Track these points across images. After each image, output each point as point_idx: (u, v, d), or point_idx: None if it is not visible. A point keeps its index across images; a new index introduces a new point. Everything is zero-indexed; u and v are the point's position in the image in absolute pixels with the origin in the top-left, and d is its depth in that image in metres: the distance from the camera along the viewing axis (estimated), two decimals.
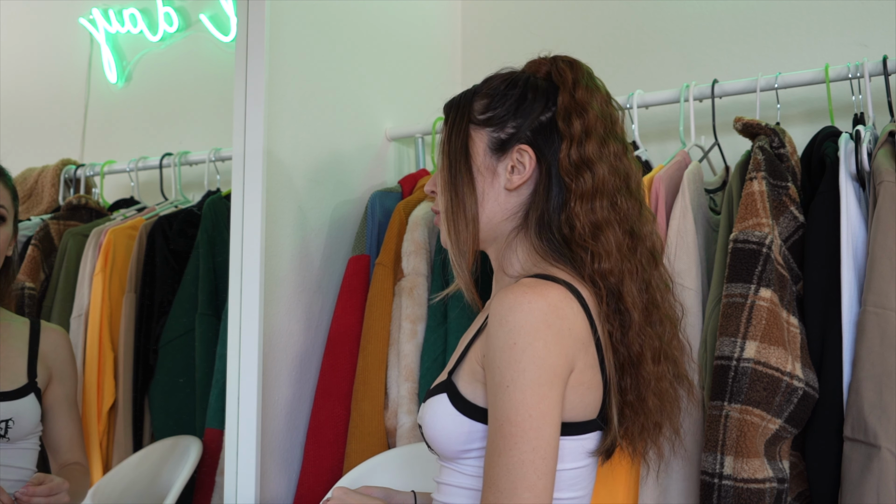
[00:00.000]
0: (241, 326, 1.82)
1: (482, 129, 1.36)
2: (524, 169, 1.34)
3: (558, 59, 1.41)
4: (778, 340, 1.57)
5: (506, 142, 1.35)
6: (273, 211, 1.89)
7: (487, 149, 1.36)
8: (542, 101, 1.36)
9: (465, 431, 1.26)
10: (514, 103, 1.36)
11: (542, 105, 1.36)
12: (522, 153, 1.34)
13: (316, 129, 2.05)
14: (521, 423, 1.17)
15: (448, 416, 1.27)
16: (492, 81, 1.41)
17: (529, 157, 1.33)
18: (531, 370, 1.18)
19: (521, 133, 1.35)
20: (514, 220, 1.36)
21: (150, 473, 2.03)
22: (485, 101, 1.38)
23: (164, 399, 2.17)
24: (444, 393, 1.29)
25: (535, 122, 1.35)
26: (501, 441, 1.17)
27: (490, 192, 1.35)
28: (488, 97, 1.38)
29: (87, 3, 2.76)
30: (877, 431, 1.50)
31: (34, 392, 1.83)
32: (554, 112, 1.35)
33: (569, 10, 2.42)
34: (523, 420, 1.17)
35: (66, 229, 2.43)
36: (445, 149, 1.39)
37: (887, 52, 1.84)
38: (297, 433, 1.95)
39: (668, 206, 1.78)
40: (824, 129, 1.78)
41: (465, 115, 1.39)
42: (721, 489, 1.54)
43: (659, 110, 2.08)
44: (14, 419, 1.77)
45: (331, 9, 2.12)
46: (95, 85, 2.78)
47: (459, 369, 1.29)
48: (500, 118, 1.36)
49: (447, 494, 1.31)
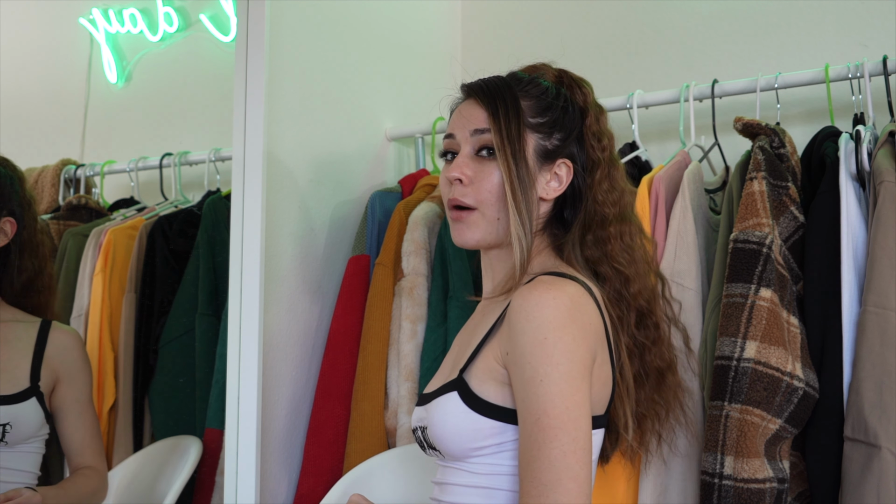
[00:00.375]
0: (241, 326, 1.82)
1: (532, 133, 1.35)
2: (562, 183, 1.36)
3: (570, 75, 1.43)
4: (778, 340, 1.57)
5: (552, 152, 1.36)
6: (273, 211, 1.88)
7: (535, 153, 1.35)
8: (578, 118, 1.39)
9: (476, 429, 1.26)
10: (560, 114, 1.37)
11: (577, 121, 1.39)
12: (564, 167, 1.36)
13: (316, 129, 2.05)
14: (560, 416, 1.18)
15: (460, 415, 1.27)
16: (533, 85, 1.38)
17: (568, 172, 1.36)
18: (564, 363, 1.20)
19: (565, 146, 1.37)
20: (537, 226, 1.38)
21: (150, 473, 2.03)
22: (532, 103, 1.36)
23: (164, 399, 2.17)
24: (454, 391, 1.29)
25: (575, 137, 1.38)
26: (540, 435, 1.17)
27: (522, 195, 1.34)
28: (535, 100, 1.37)
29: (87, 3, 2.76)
30: (877, 431, 1.50)
31: (36, 396, 1.82)
32: (580, 130, 1.38)
33: (569, 10, 2.42)
34: (561, 413, 1.18)
35: (66, 229, 2.43)
36: (503, 138, 1.33)
37: (887, 52, 1.84)
38: (297, 433, 1.95)
39: (668, 206, 1.78)
40: (824, 129, 1.78)
41: (517, 111, 1.35)
42: (721, 489, 1.54)
43: (659, 110, 2.08)
44: (12, 423, 1.77)
45: (331, 9, 2.12)
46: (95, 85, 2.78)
47: (472, 367, 1.29)
48: (548, 126, 1.36)
49: (454, 494, 1.30)
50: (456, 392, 1.28)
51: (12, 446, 1.80)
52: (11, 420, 1.76)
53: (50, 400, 1.88)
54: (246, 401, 1.80)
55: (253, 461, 1.79)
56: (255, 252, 1.82)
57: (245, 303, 1.82)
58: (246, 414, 1.80)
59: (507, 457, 1.26)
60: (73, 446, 1.90)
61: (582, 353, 1.22)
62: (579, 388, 1.21)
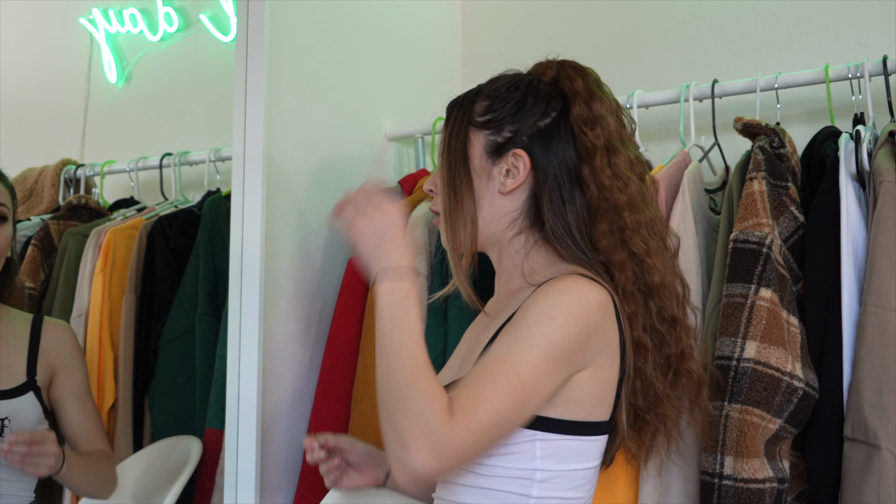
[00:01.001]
0: (241, 326, 1.82)
1: (480, 131, 1.37)
2: (518, 173, 1.34)
3: (566, 64, 1.41)
4: (778, 340, 1.57)
5: (502, 145, 1.35)
6: (273, 211, 1.88)
7: (484, 151, 1.36)
8: (542, 107, 1.37)
9: None
10: (513, 107, 1.36)
11: (541, 110, 1.36)
12: (517, 157, 1.35)
13: (316, 129, 2.05)
14: (526, 386, 1.18)
15: None
16: (495, 83, 1.41)
17: (524, 163, 1.34)
18: (557, 347, 1.20)
19: (518, 138, 1.35)
20: (514, 225, 1.36)
21: (150, 473, 2.03)
22: (486, 102, 1.38)
23: (164, 399, 2.17)
24: None
25: (533, 127, 1.35)
26: (503, 384, 1.17)
27: (485, 195, 1.36)
28: (489, 99, 1.38)
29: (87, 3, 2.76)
30: (877, 431, 1.50)
31: (33, 390, 1.82)
32: (555, 119, 1.35)
33: (569, 10, 2.42)
34: (528, 383, 1.18)
35: (66, 229, 2.43)
36: (445, 149, 1.39)
37: (887, 52, 1.84)
38: (297, 433, 1.95)
39: (668, 206, 1.78)
40: (824, 129, 1.78)
41: (465, 115, 1.39)
42: (721, 489, 1.54)
43: (659, 110, 2.08)
44: (10, 418, 1.77)
45: (331, 9, 2.12)
46: (95, 85, 2.78)
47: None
48: (498, 121, 1.36)
49: (459, 494, 1.30)
50: None
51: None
52: (10, 415, 1.76)
53: (48, 394, 1.87)
54: (246, 401, 1.80)
55: (253, 461, 1.79)
56: (255, 252, 1.82)
57: (245, 303, 1.82)
58: (246, 414, 1.80)
59: (511, 459, 1.25)
60: (80, 434, 1.88)
61: (575, 349, 1.22)
62: (552, 377, 1.21)
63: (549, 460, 1.26)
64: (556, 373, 1.21)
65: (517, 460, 1.25)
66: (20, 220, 2.55)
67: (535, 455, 1.25)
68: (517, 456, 1.25)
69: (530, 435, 1.25)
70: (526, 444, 1.25)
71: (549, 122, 1.35)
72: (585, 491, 1.31)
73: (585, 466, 1.30)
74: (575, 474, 1.28)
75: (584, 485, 1.30)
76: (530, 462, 1.25)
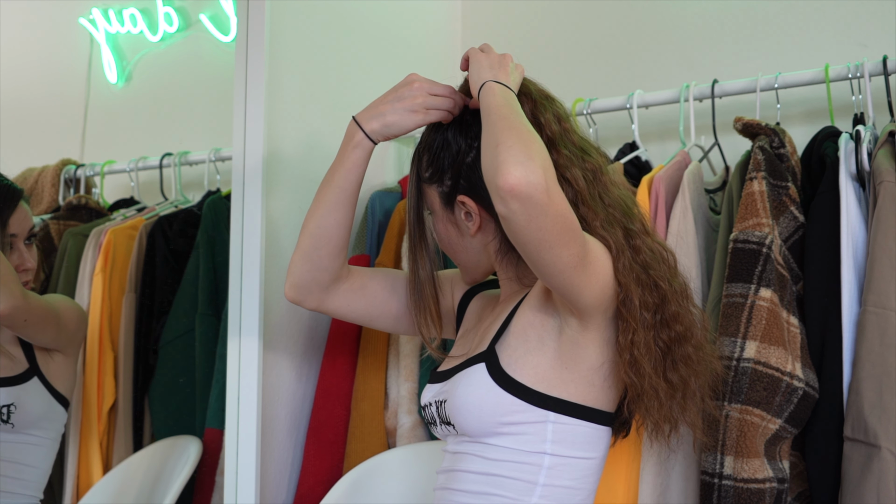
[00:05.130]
0: (241, 326, 1.82)
1: (432, 187, 1.40)
2: (473, 215, 1.37)
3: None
4: (778, 340, 1.57)
5: (449, 195, 1.38)
6: (273, 211, 1.88)
7: (442, 205, 1.40)
8: (463, 141, 1.37)
9: (498, 403, 1.27)
10: (443, 152, 1.38)
11: (464, 144, 1.36)
12: (464, 204, 1.37)
13: (316, 128, 2.05)
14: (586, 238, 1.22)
15: (484, 387, 1.28)
16: (428, 129, 1.43)
17: (471, 206, 1.36)
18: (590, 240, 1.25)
19: (457, 183, 1.37)
20: (500, 251, 1.40)
21: (150, 473, 2.03)
22: (426, 155, 1.40)
23: (164, 399, 2.17)
24: (482, 363, 1.30)
25: (462, 165, 1.36)
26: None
27: (463, 242, 1.40)
28: (427, 151, 1.40)
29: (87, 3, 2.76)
30: (877, 431, 1.50)
31: (37, 376, 1.82)
32: (477, 147, 1.34)
33: (568, 10, 2.42)
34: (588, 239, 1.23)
35: (66, 229, 2.43)
36: (407, 210, 1.44)
37: (887, 52, 1.84)
38: (297, 433, 1.95)
39: (668, 206, 1.78)
40: (824, 129, 1.78)
41: (415, 174, 1.42)
42: (721, 489, 1.54)
43: (659, 110, 2.08)
44: (16, 404, 1.77)
45: (331, 9, 2.12)
46: (95, 85, 2.78)
47: (504, 339, 1.31)
48: (438, 172, 1.38)
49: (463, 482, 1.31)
50: (484, 364, 1.30)
51: (20, 431, 1.79)
52: (15, 401, 1.76)
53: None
54: (246, 401, 1.80)
55: (253, 461, 1.79)
56: (255, 252, 1.82)
57: (245, 303, 1.82)
58: (246, 414, 1.80)
59: (521, 440, 1.27)
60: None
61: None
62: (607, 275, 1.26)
63: (558, 444, 1.27)
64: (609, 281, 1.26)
65: (528, 442, 1.27)
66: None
67: (546, 438, 1.27)
68: (528, 437, 1.27)
69: (543, 415, 1.27)
70: (538, 426, 1.27)
71: (475, 154, 1.35)
72: (589, 483, 1.32)
73: (591, 456, 1.31)
74: (581, 463, 1.29)
75: (587, 476, 1.32)
76: (540, 445, 1.27)
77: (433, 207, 1.41)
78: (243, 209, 1.85)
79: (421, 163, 1.41)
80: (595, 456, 1.32)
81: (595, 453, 1.32)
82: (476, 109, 1.34)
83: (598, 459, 1.33)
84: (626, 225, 1.32)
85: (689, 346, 1.33)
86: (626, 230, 1.32)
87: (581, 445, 1.29)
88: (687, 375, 1.32)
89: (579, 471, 1.30)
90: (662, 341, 1.30)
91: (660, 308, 1.30)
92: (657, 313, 1.29)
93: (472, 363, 1.32)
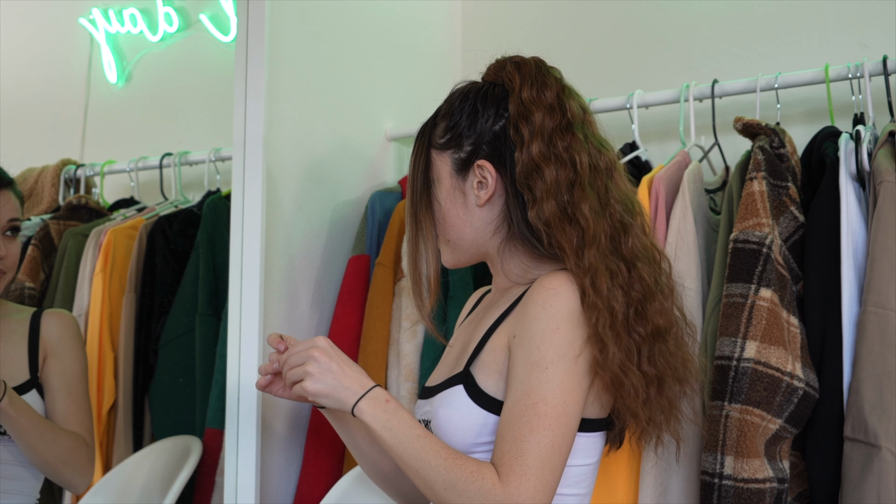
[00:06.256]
0: (241, 326, 1.82)
1: (444, 153, 1.38)
2: (488, 184, 1.35)
3: (507, 61, 1.40)
4: (778, 340, 1.57)
5: (466, 161, 1.36)
6: (273, 211, 1.88)
7: (453, 172, 1.37)
8: (493, 111, 1.36)
9: (479, 424, 1.27)
10: (467, 119, 1.37)
11: (493, 114, 1.36)
12: (482, 168, 1.35)
13: (316, 128, 2.05)
14: (557, 407, 1.20)
15: (465, 409, 1.28)
16: (449, 99, 1.41)
17: (490, 171, 1.34)
18: (570, 357, 1.22)
19: (478, 148, 1.35)
20: (499, 232, 1.37)
21: (150, 473, 2.03)
22: (444, 123, 1.39)
23: (164, 399, 2.17)
24: (460, 385, 1.29)
25: (489, 133, 1.35)
26: (535, 419, 1.19)
27: (464, 213, 1.37)
28: (446, 118, 1.39)
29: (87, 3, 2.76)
30: (877, 431, 1.50)
31: (36, 388, 1.82)
32: (507, 119, 1.35)
33: (568, 10, 2.42)
34: (560, 404, 1.20)
35: (66, 229, 2.43)
36: (409, 179, 1.41)
37: (887, 52, 1.84)
38: (298, 433, 1.95)
39: (668, 206, 1.78)
40: (824, 129, 1.78)
41: (425, 141, 1.40)
42: (721, 489, 1.54)
43: (659, 110, 2.08)
44: None
45: (331, 9, 2.12)
46: (95, 85, 2.78)
47: (478, 360, 1.30)
48: (457, 138, 1.37)
49: None
50: (461, 386, 1.29)
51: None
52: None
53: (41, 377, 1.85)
54: (246, 401, 1.80)
55: (253, 461, 1.79)
56: (255, 252, 1.82)
57: (245, 303, 1.82)
58: (246, 414, 1.80)
59: None
60: (57, 417, 1.80)
61: (589, 350, 1.23)
62: (579, 385, 1.22)
63: None
64: (581, 380, 1.23)
65: None
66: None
67: None
68: None
69: None
70: None
71: (504, 123, 1.35)
72: (585, 487, 1.32)
73: (585, 463, 1.31)
74: (575, 470, 1.29)
75: (583, 481, 1.31)
76: None
77: (439, 175, 1.38)
78: (243, 209, 1.85)
79: (435, 130, 1.39)
80: (589, 462, 1.31)
81: (589, 460, 1.31)
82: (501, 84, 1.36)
83: (592, 465, 1.32)
84: (622, 219, 1.32)
85: (670, 342, 1.32)
86: (622, 223, 1.31)
87: (574, 454, 1.28)
88: (663, 369, 1.30)
89: (573, 477, 1.29)
90: (639, 334, 1.29)
91: (641, 303, 1.29)
92: (631, 305, 1.28)
93: (451, 384, 1.31)
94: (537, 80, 1.35)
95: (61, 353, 1.86)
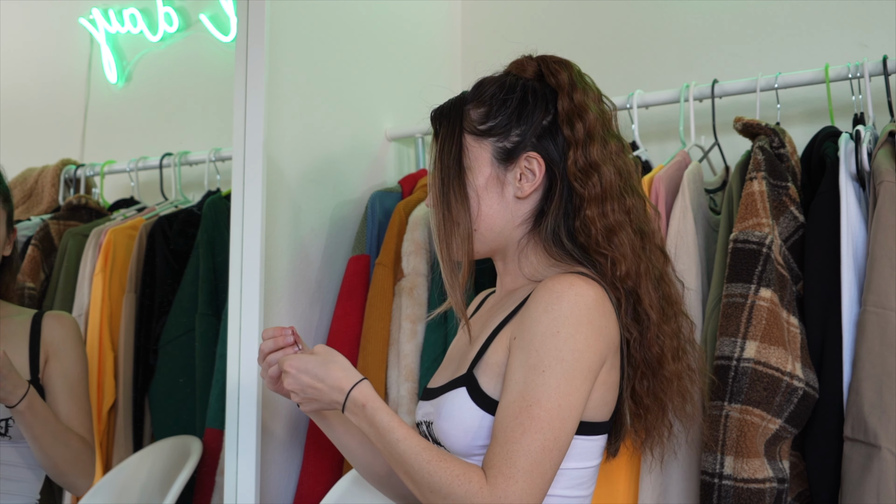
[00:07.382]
0: (241, 326, 1.82)
1: (485, 140, 1.35)
2: (534, 176, 1.34)
3: (548, 59, 1.40)
4: (778, 340, 1.57)
5: (512, 150, 1.34)
6: (273, 211, 1.89)
7: (493, 159, 1.35)
8: (543, 105, 1.36)
9: (483, 426, 1.27)
10: (515, 110, 1.35)
11: (542, 109, 1.35)
12: (531, 160, 1.34)
13: (316, 128, 2.05)
14: (552, 411, 1.19)
15: (467, 411, 1.28)
16: (485, 88, 1.38)
17: (538, 164, 1.34)
18: (569, 361, 1.21)
19: (527, 140, 1.34)
20: (524, 226, 1.36)
21: (150, 473, 2.03)
22: (482, 109, 1.36)
23: (164, 399, 2.17)
24: (463, 387, 1.29)
25: (539, 127, 1.35)
26: (528, 422, 1.19)
27: (499, 203, 1.35)
28: (486, 105, 1.36)
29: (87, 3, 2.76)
30: (877, 431, 1.50)
31: (37, 390, 1.81)
32: (554, 115, 1.35)
33: (568, 10, 2.42)
34: (554, 408, 1.19)
35: (66, 229, 2.43)
36: (438, 160, 1.37)
37: (887, 52, 1.84)
38: (297, 433, 1.95)
39: (668, 207, 1.78)
40: (824, 129, 1.78)
41: (457, 125, 1.37)
42: (721, 489, 1.54)
43: (659, 110, 2.08)
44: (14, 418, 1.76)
45: (331, 9, 2.12)
46: (95, 85, 2.78)
47: (481, 362, 1.30)
48: (502, 126, 1.35)
49: None
50: (465, 388, 1.29)
51: (16, 441, 1.79)
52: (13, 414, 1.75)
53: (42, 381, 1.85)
54: (246, 401, 1.80)
55: (253, 461, 1.79)
56: (255, 252, 1.82)
57: (245, 303, 1.82)
58: (246, 414, 1.80)
59: None
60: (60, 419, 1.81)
61: (590, 355, 1.23)
62: (577, 389, 1.22)
63: None
64: (580, 385, 1.22)
65: None
66: (20, 221, 2.55)
67: None
68: None
69: None
70: None
71: (551, 119, 1.35)
72: (585, 489, 1.32)
73: (586, 465, 1.31)
74: (576, 472, 1.29)
75: (583, 483, 1.31)
76: None
77: (477, 162, 1.35)
78: (243, 209, 1.85)
79: (468, 114, 1.36)
80: (590, 465, 1.31)
81: (589, 462, 1.31)
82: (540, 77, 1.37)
83: (593, 467, 1.32)
84: (641, 227, 1.35)
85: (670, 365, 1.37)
86: (642, 231, 1.35)
87: (574, 457, 1.28)
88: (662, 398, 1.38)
89: (573, 480, 1.29)
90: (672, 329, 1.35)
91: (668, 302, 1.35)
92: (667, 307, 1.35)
93: (454, 386, 1.31)
94: (582, 81, 1.37)
95: (62, 355, 1.88)
